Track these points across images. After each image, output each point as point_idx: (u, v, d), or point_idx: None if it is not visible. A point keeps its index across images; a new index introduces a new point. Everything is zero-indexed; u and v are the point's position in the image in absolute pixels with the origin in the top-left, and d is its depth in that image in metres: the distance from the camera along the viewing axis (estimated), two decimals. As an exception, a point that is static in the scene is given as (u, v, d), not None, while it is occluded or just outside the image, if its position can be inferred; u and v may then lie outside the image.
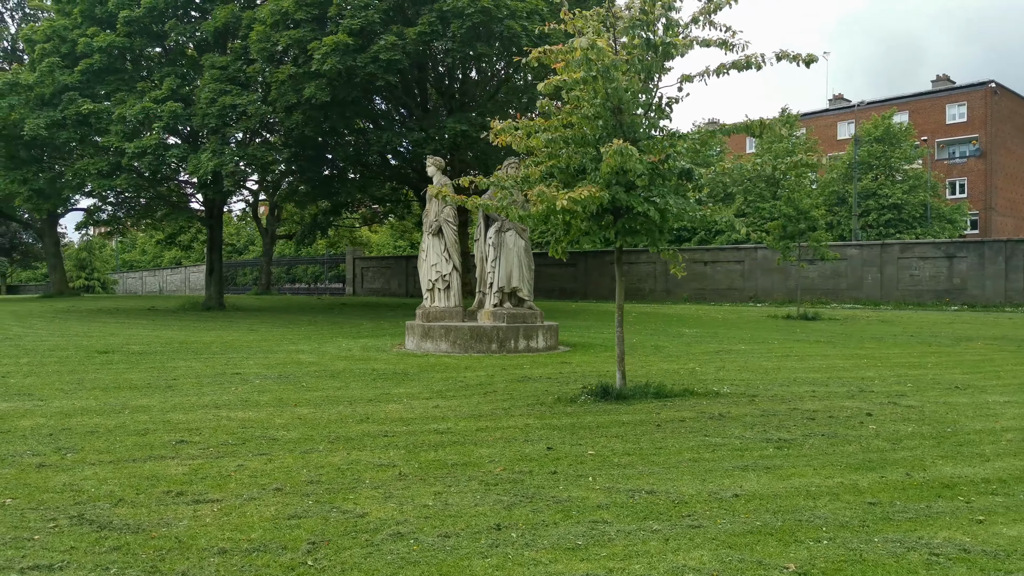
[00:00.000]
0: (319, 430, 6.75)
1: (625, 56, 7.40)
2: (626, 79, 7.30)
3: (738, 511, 4.64)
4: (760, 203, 46.70)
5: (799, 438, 6.62)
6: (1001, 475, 5.50)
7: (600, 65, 6.97)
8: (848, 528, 4.37)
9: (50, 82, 21.14)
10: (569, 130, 7.89)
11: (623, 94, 7.27)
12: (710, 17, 7.91)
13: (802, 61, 7.62)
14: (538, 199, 7.35)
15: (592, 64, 6.96)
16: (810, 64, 7.63)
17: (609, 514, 4.55)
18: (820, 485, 5.21)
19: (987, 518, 4.57)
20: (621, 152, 6.71)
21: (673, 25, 7.26)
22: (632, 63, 7.48)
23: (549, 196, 7.18)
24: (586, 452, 6.05)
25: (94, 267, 62.90)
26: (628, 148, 6.82)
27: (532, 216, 7.75)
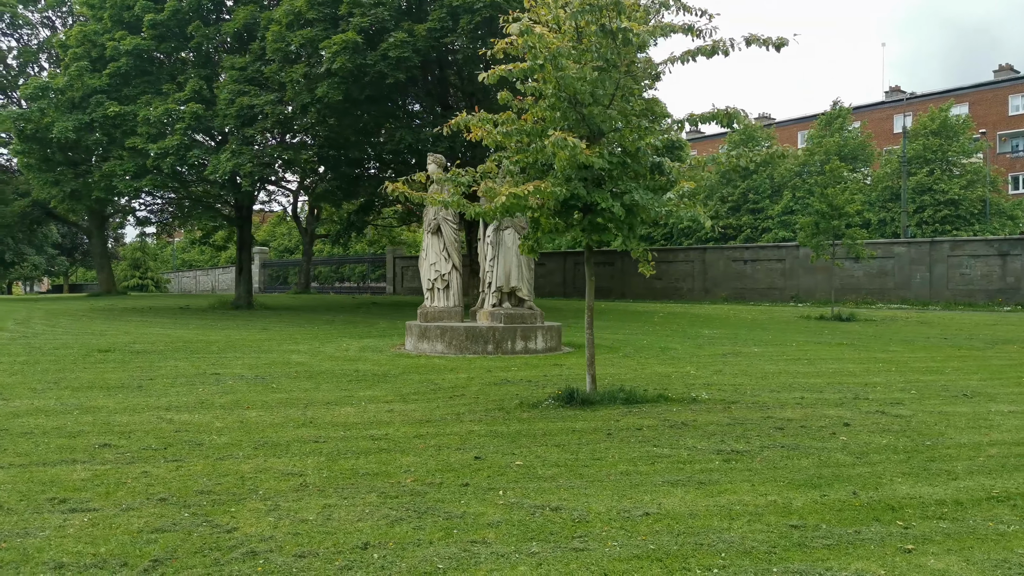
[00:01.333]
0: (252, 435, 6.55)
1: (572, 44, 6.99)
2: (577, 68, 6.89)
3: (638, 532, 4.24)
4: (809, 199, 45.20)
5: (755, 450, 6.15)
6: (960, 496, 4.97)
7: (545, 53, 6.60)
8: (750, 555, 3.94)
9: (79, 86, 21.61)
10: (531, 124, 7.52)
11: (575, 84, 6.88)
12: (682, 1, 7.49)
13: (772, 45, 7.12)
14: (485, 194, 7.02)
15: (534, 52, 6.60)
16: (780, 48, 7.12)
17: (494, 533, 4.20)
18: (748, 503, 4.77)
19: (918, 547, 4.09)
20: (558, 144, 6.32)
21: (625, 10, 6.82)
22: (589, 51, 7.08)
23: (491, 192, 6.84)
24: (514, 463, 5.70)
25: (148, 266, 64.60)
26: (569, 141, 6.44)
27: (488, 213, 7.39)
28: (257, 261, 61.00)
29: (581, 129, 7.61)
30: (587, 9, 6.70)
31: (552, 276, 41.71)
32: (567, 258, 42.48)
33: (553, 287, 41.30)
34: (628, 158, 7.76)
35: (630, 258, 39.47)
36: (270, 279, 60.40)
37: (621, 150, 7.87)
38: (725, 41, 7.17)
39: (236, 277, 27.80)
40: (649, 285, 38.70)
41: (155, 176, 21.25)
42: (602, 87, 7.21)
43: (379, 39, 17.19)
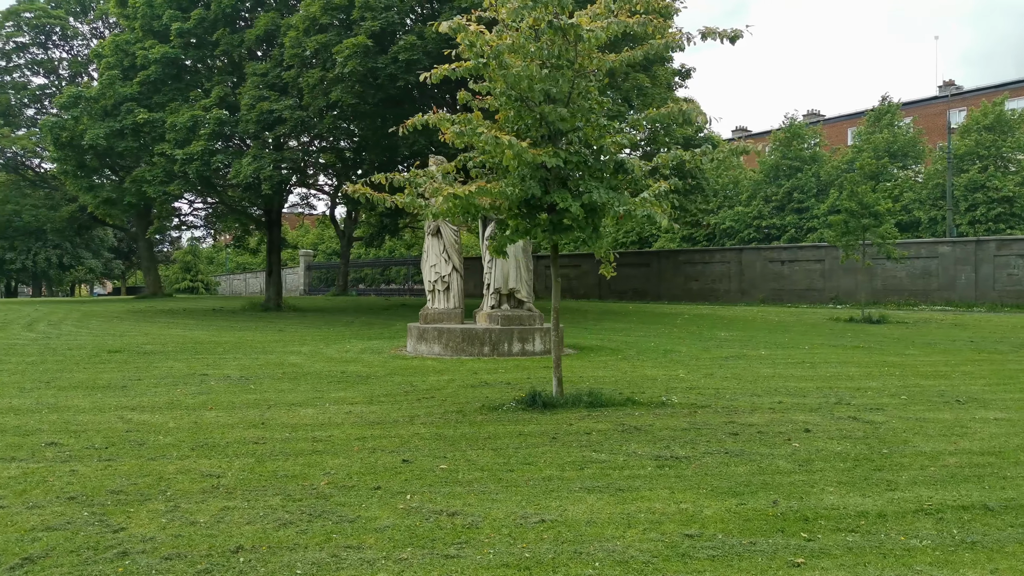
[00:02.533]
0: (198, 436, 6.62)
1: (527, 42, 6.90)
2: (522, 65, 6.80)
3: (523, 540, 4.14)
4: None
5: (696, 456, 5.96)
6: (888, 508, 4.73)
7: (487, 50, 6.53)
8: (625, 565, 3.81)
9: (111, 94, 22.28)
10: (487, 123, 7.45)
11: (522, 82, 6.78)
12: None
13: (726, 38, 6.92)
14: (432, 195, 6.98)
15: (475, 50, 6.53)
16: (735, 41, 6.91)
17: (374, 539, 4.15)
18: (656, 511, 4.62)
19: (809, 561, 3.90)
20: (489, 142, 6.25)
21: (568, 6, 6.69)
22: (541, 48, 6.97)
23: (437, 192, 6.79)
24: (439, 466, 5.64)
25: (198, 269, 66.30)
26: (504, 139, 6.36)
27: (443, 213, 7.34)
28: (302, 263, 62.12)
29: (542, 128, 7.52)
30: (529, 6, 6.60)
31: (587, 278, 41.44)
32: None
33: (588, 289, 41.04)
34: (590, 157, 7.64)
35: (666, 259, 39.09)
36: (316, 281, 61.34)
37: (589, 149, 7.75)
38: (680, 37, 7.00)
39: (266, 280, 28.32)
40: (685, 287, 38.15)
41: (182, 181, 21.77)
42: (555, 85, 7.09)
43: (390, 42, 17.32)
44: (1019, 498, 4.94)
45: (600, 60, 7.14)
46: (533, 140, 7.55)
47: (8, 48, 39.33)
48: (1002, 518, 4.57)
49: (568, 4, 6.64)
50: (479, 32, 6.54)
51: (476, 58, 6.66)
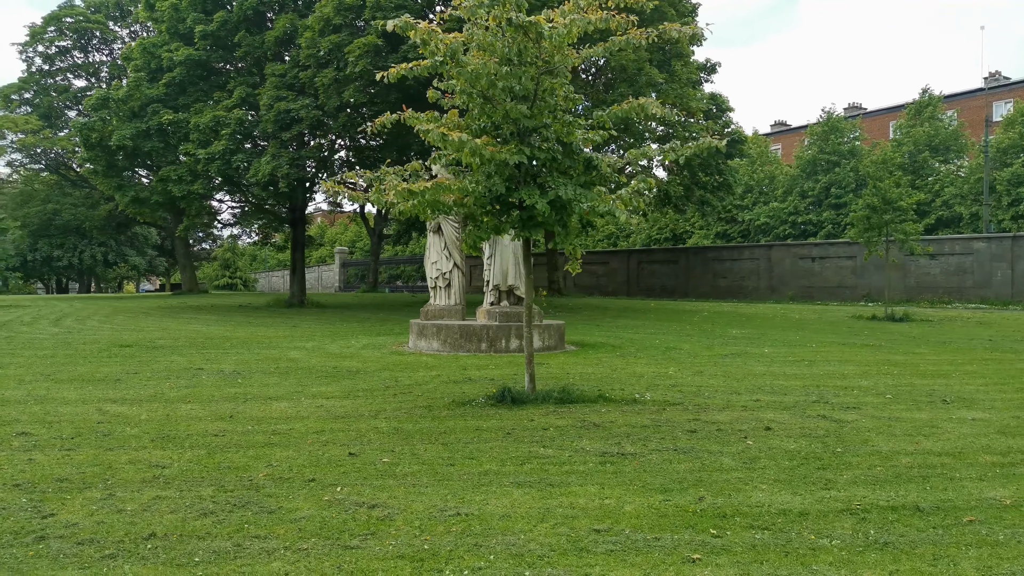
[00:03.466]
0: (164, 427, 6.81)
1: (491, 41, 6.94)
2: (480, 63, 6.84)
3: (431, 532, 4.20)
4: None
5: (643, 453, 5.96)
6: (813, 507, 4.68)
7: (441, 48, 6.59)
8: (519, 558, 3.85)
9: (138, 96, 22.88)
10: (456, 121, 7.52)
11: (480, 79, 6.83)
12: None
13: (687, 37, 6.86)
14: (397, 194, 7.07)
15: (430, 48, 6.60)
16: (696, 40, 6.85)
17: (284, 529, 4.25)
18: (576, 506, 4.64)
19: (706, 558, 3.89)
20: (434, 136, 6.33)
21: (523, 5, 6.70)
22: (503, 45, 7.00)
23: (389, 187, 6.88)
24: (382, 459, 5.73)
25: (237, 266, 67.61)
26: (453, 137, 6.42)
27: (408, 210, 7.42)
28: (338, 260, 62.94)
29: (509, 125, 7.56)
30: (485, 4, 6.64)
31: (616, 275, 41.21)
32: (631, 256, 41.88)
33: (617, 286, 40.81)
34: (558, 154, 7.65)
35: (695, 256, 38.71)
36: (353, 278, 62.06)
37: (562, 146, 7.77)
38: (638, 36, 6.98)
39: (290, 276, 28.79)
40: (714, 284, 37.71)
41: (205, 180, 22.26)
42: (517, 82, 7.12)
43: (401, 41, 17.46)
44: (955, 500, 4.85)
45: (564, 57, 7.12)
46: (502, 137, 7.61)
47: (51, 52, 40.58)
48: (929, 519, 4.49)
49: (523, 3, 6.64)
50: (431, 30, 6.61)
51: (432, 56, 6.72)
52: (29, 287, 72.05)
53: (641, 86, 19.20)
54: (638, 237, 61.15)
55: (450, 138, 6.51)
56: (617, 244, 61.67)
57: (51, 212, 42.52)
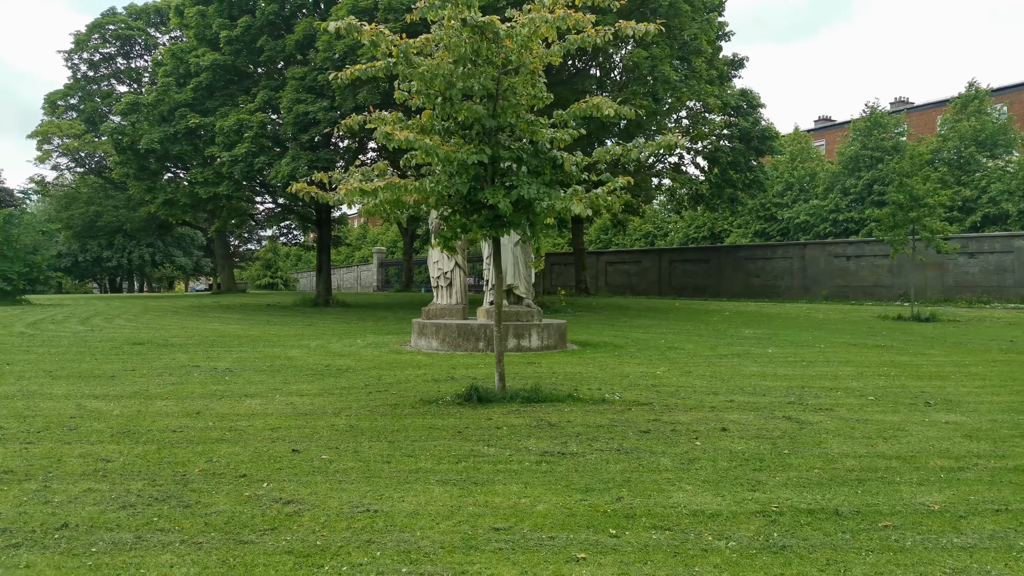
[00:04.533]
0: (130, 422, 7.01)
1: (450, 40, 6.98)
2: (432, 63, 6.89)
3: (332, 528, 4.26)
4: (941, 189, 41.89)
5: (584, 452, 5.94)
6: (728, 509, 4.63)
7: (393, 50, 6.66)
8: (407, 554, 3.89)
9: (167, 100, 23.49)
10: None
11: (434, 80, 6.88)
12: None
13: (640, 34, 6.81)
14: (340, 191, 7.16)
15: (379, 49, 6.68)
16: (650, 37, 6.80)
17: (190, 523, 4.35)
18: (489, 504, 4.66)
19: (591, 557, 3.88)
20: (381, 135, 6.41)
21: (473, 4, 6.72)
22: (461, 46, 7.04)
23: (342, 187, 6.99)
24: (322, 456, 5.82)
25: (277, 266, 68.89)
26: (399, 135, 6.50)
27: (370, 209, 7.52)
28: (376, 260, 63.72)
29: (477, 126, 7.59)
30: (436, 5, 6.69)
31: (647, 274, 40.87)
32: (663, 255, 41.49)
33: (648, 285, 40.48)
34: (525, 153, 7.67)
35: (726, 255, 38.21)
36: (391, 277, 62.72)
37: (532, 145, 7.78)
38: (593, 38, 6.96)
39: (316, 276, 29.23)
40: (747, 283, 37.15)
41: (230, 182, 22.75)
42: (477, 82, 7.15)
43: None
44: (881, 504, 4.73)
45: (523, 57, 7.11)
46: (469, 137, 7.66)
47: (95, 59, 41.88)
48: (843, 524, 4.40)
49: (474, 2, 6.67)
50: (379, 32, 6.68)
51: (384, 58, 6.80)
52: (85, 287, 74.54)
53: (653, 84, 19.03)
54: (675, 236, 60.60)
55: (394, 137, 6.57)
56: (654, 243, 61.25)
57: (94, 214, 43.94)
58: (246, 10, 23.68)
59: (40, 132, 42.83)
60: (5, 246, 27.96)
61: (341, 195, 6.99)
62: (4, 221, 28.45)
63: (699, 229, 59.90)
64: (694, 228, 60.37)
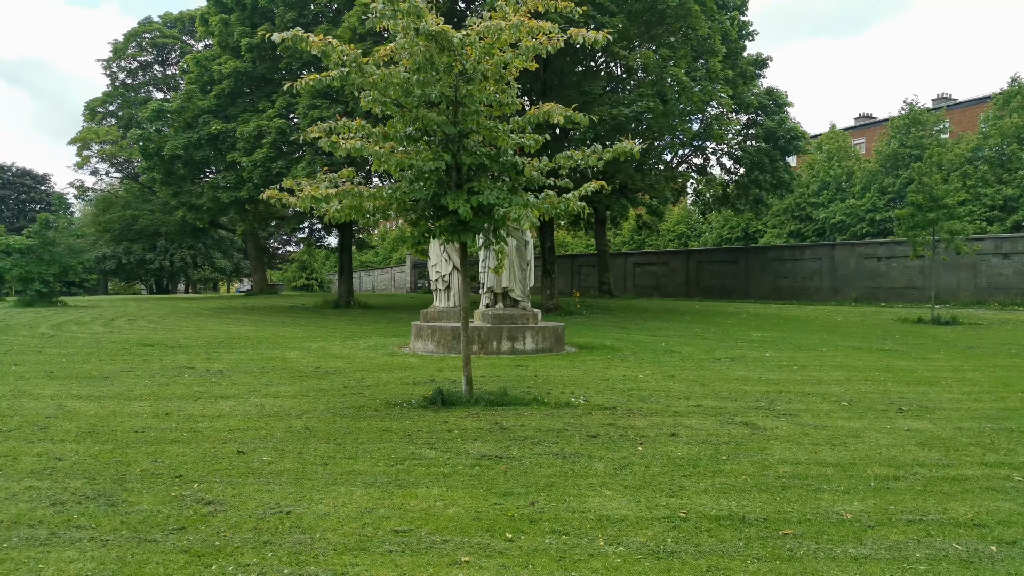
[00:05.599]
0: (100, 422, 7.25)
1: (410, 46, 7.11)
2: (384, 72, 7.02)
3: (239, 528, 4.40)
4: (983, 188, 40.82)
5: (521, 456, 6.00)
6: (636, 514, 4.66)
7: (345, 59, 6.80)
8: (296, 555, 4.01)
9: (191, 107, 24.09)
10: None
11: (388, 88, 7.01)
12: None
13: (590, 42, 6.84)
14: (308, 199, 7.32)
15: (331, 59, 6.83)
16: (598, 45, 6.82)
17: (107, 521, 4.53)
18: (404, 507, 4.76)
19: (476, 561, 3.96)
20: (335, 146, 6.56)
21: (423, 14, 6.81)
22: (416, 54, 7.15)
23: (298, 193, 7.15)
24: (264, 458, 5.98)
25: (313, 268, 69.92)
26: (345, 144, 6.64)
27: (334, 215, 7.68)
28: (409, 262, 64.36)
29: (438, 132, 7.71)
30: (387, 15, 6.81)
31: (675, 276, 40.53)
32: (690, 256, 41.10)
33: (676, 287, 40.14)
34: (486, 159, 7.75)
35: (755, 256, 37.73)
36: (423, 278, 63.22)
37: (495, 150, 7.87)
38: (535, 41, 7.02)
39: (338, 278, 29.64)
40: (775, 285, 36.61)
41: (251, 187, 23.23)
42: (434, 89, 7.25)
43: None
44: (792, 512, 4.72)
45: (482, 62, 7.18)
46: (431, 143, 7.77)
47: (132, 67, 43.08)
48: (744, 531, 4.40)
49: (424, 12, 6.76)
50: (327, 42, 6.83)
51: (337, 67, 6.95)
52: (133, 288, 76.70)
53: (662, 86, 18.92)
54: (708, 237, 60.01)
55: (340, 146, 6.71)
56: (687, 244, 60.72)
57: (130, 218, 45.19)
58: (267, 18, 24.17)
59: (80, 138, 44.21)
60: (42, 250, 28.94)
61: (293, 202, 7.15)
62: (41, 226, 29.44)
63: (732, 230, 59.17)
64: (727, 229, 59.66)
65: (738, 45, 27.15)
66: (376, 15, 6.87)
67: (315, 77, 7.21)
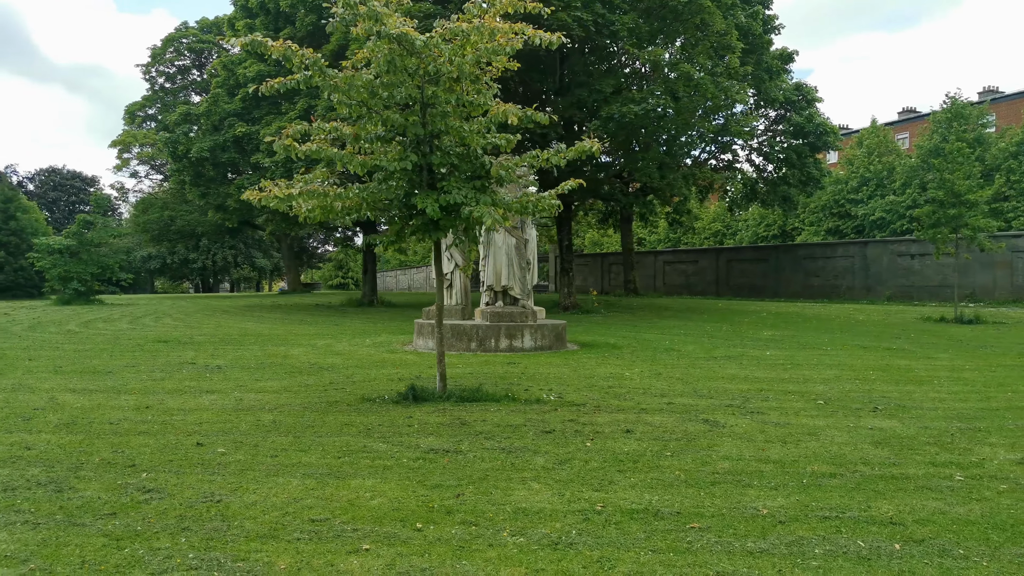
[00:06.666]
0: (83, 415, 7.56)
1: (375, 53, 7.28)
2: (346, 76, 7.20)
3: (165, 515, 4.60)
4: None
5: (468, 451, 6.12)
6: (555, 507, 4.75)
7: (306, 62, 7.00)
8: (208, 541, 4.18)
9: (217, 110, 24.70)
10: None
11: (351, 91, 7.19)
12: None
13: (546, 43, 6.93)
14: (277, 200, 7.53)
15: (292, 63, 7.02)
16: (550, 47, 6.90)
17: (47, 506, 4.77)
18: (331, 498, 4.91)
19: (375, 548, 4.09)
20: (283, 148, 6.75)
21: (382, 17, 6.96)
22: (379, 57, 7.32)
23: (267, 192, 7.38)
24: (218, 449, 6.19)
25: (349, 267, 70.93)
26: (303, 147, 6.84)
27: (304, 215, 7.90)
28: (444, 261, 64.95)
29: (409, 133, 7.86)
30: (348, 20, 6.98)
31: (704, 274, 40.16)
32: (720, 255, 40.66)
33: (705, 286, 39.77)
34: (456, 159, 7.89)
35: (785, 254, 37.20)
36: (462, 278, 63.53)
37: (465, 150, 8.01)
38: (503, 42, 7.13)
39: (363, 277, 30.08)
40: (806, 283, 36.05)
41: (273, 187, 23.70)
42: (399, 92, 7.41)
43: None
44: (708, 507, 4.75)
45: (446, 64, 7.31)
46: (404, 144, 7.94)
47: (171, 71, 44.23)
48: (652, 524, 4.46)
49: (383, 16, 6.92)
50: (287, 46, 7.03)
51: (300, 71, 7.14)
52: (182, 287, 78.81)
53: (672, 83, 18.82)
54: (744, 235, 59.29)
55: (294, 149, 6.91)
56: (723, 242, 60.06)
57: (168, 219, 46.45)
58: (289, 22, 24.65)
59: (120, 141, 45.57)
60: (80, 250, 29.92)
61: (255, 200, 7.38)
62: (79, 227, 30.44)
63: (769, 227, 58.35)
64: (763, 227, 58.87)
65: (764, 40, 26.84)
66: (336, 19, 7.04)
67: (280, 80, 7.41)
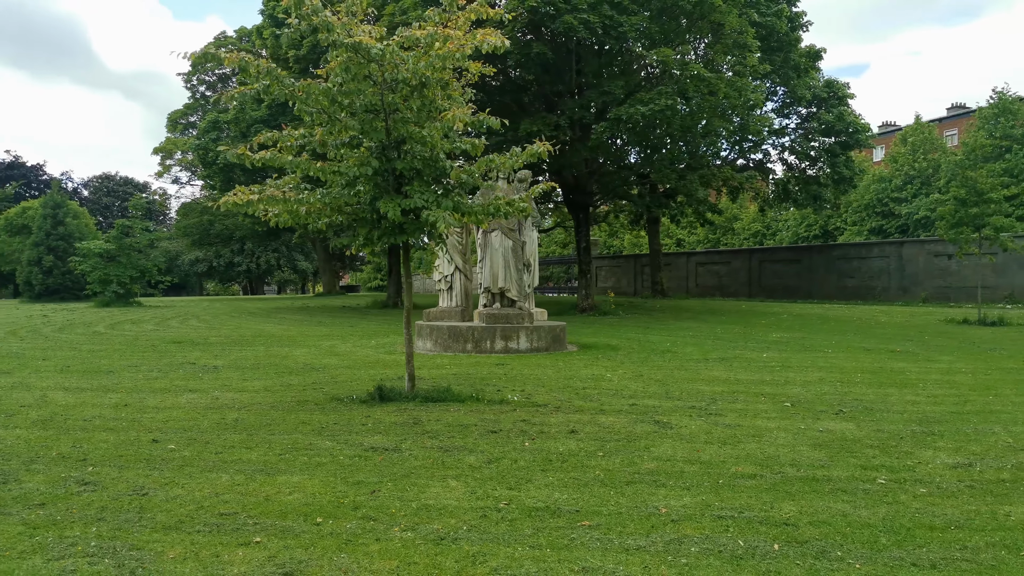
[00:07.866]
0: (64, 411, 7.93)
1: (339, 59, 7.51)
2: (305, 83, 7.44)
3: (90, 507, 4.86)
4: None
5: (408, 449, 6.29)
6: (467, 505, 4.89)
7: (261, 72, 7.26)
8: (117, 531, 4.42)
9: (244, 118, 25.36)
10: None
11: (308, 98, 7.43)
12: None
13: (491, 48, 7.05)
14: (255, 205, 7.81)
15: (249, 73, 7.28)
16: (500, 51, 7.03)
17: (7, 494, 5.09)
18: (251, 493, 5.13)
19: (266, 541, 4.27)
20: (237, 157, 7.00)
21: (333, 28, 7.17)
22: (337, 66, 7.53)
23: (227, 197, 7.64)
24: (170, 447, 6.46)
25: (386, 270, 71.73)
26: (254, 155, 7.08)
27: (273, 219, 8.16)
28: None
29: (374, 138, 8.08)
30: (302, 29, 7.21)
31: (737, 275, 39.66)
32: (752, 256, 40.09)
33: (738, 287, 39.26)
34: (420, 163, 8.06)
35: (818, 255, 36.60)
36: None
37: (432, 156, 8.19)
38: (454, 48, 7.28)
39: (388, 279, 30.50)
40: (839, 284, 35.36)
41: (297, 191, 24.26)
42: (359, 99, 7.62)
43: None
44: (608, 505, 4.83)
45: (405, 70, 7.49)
46: (371, 149, 8.16)
47: (211, 79, 45.39)
48: (544, 521, 4.56)
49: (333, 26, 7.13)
50: (242, 57, 7.28)
51: (258, 80, 7.40)
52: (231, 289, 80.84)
53: (683, 83, 18.73)
54: (784, 235, 58.41)
55: (247, 157, 7.16)
56: (763, 242, 59.24)
57: (207, 223, 47.72)
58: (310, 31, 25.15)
59: (162, 148, 46.98)
60: (120, 254, 30.99)
61: (219, 204, 7.65)
62: (119, 232, 31.53)
63: (810, 228, 57.37)
64: (804, 226, 57.89)
65: (792, 37, 26.50)
66: (291, 30, 7.28)
67: (240, 89, 7.68)
